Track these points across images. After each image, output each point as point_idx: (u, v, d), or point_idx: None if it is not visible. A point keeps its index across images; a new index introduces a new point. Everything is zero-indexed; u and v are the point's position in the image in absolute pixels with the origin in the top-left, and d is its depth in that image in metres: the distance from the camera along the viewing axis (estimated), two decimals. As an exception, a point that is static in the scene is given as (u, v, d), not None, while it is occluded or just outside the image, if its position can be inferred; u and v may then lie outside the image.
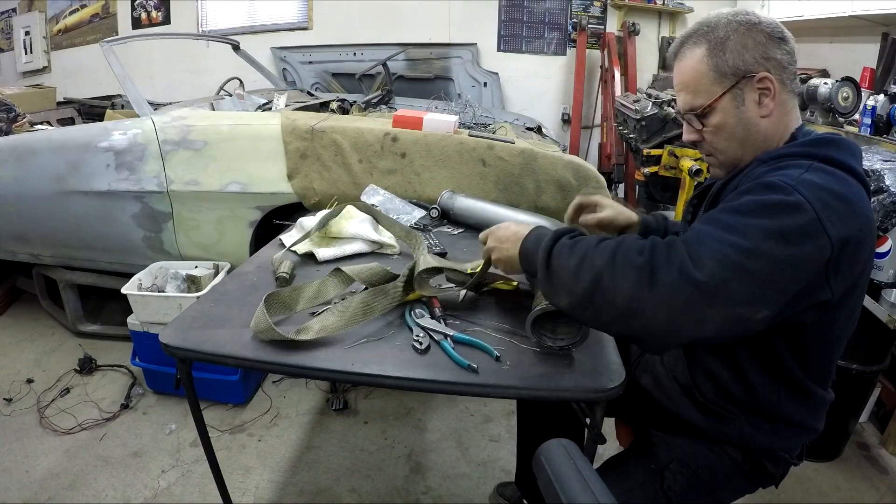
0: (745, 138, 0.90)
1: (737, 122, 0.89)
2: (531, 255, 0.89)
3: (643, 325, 0.74)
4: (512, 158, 1.89)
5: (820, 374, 0.93)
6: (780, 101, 0.88)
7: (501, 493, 1.69)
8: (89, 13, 4.46)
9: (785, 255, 0.71)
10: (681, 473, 0.99)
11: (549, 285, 0.83)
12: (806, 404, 0.94)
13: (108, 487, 1.71)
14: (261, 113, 2.43)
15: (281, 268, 1.23)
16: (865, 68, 2.53)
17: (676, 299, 0.71)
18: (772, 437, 0.96)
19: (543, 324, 0.95)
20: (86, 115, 3.79)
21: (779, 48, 0.86)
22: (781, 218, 0.72)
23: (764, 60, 0.86)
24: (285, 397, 2.16)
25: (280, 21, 4.28)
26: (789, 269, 0.72)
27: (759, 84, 0.86)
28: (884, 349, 1.80)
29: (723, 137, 0.91)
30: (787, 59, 0.87)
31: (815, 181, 0.76)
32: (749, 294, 0.72)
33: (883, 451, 1.95)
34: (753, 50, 0.86)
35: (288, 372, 1.26)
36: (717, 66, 0.87)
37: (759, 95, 0.87)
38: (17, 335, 2.60)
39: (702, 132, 0.93)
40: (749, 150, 0.91)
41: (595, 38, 4.16)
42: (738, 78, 0.87)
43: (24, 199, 2.21)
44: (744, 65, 0.86)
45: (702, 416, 0.98)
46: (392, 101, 3.41)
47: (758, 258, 0.71)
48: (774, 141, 0.90)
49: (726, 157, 0.94)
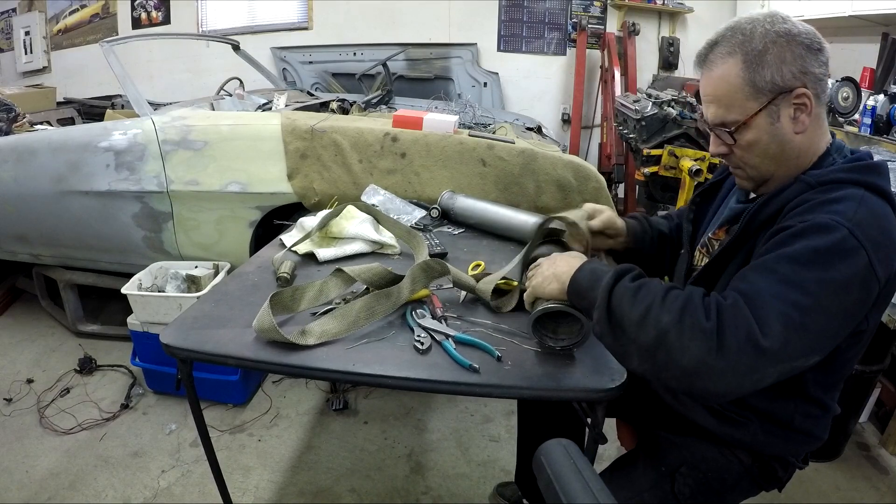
0: (777, 154, 0.87)
1: (771, 139, 0.86)
2: (586, 292, 0.85)
3: (706, 387, 0.73)
4: (512, 158, 1.89)
5: (835, 388, 0.96)
6: (815, 116, 0.85)
7: (501, 493, 1.69)
8: (89, 13, 4.45)
9: (841, 307, 0.73)
10: (691, 476, 0.99)
11: (609, 329, 0.79)
12: (817, 416, 0.96)
13: (108, 487, 1.71)
14: (261, 113, 2.42)
15: (282, 268, 1.22)
16: (865, 68, 2.53)
17: (743, 365, 0.70)
18: (783, 443, 0.97)
19: (545, 324, 0.94)
20: (86, 115, 3.78)
21: (816, 60, 0.83)
22: (838, 267, 0.73)
23: (802, 75, 0.82)
24: (285, 397, 2.16)
25: (280, 21, 4.28)
26: (844, 318, 0.75)
27: (795, 100, 0.83)
28: (884, 349, 1.80)
29: (755, 154, 0.88)
30: (823, 71, 0.84)
31: (867, 220, 0.75)
32: (807, 349, 0.73)
33: (883, 451, 1.95)
34: (792, 64, 0.82)
35: (288, 372, 1.26)
36: (753, 80, 0.83)
37: (795, 111, 0.84)
38: (17, 335, 2.60)
39: (732, 146, 0.90)
40: (781, 166, 0.88)
41: (595, 38, 4.16)
42: (775, 94, 0.83)
43: (24, 199, 2.21)
44: (782, 80, 0.82)
45: (715, 421, 0.98)
46: (392, 101, 3.40)
47: (818, 314, 0.72)
48: (808, 157, 0.88)
49: (757, 172, 0.91)
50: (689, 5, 4.12)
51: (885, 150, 1.80)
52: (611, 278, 0.81)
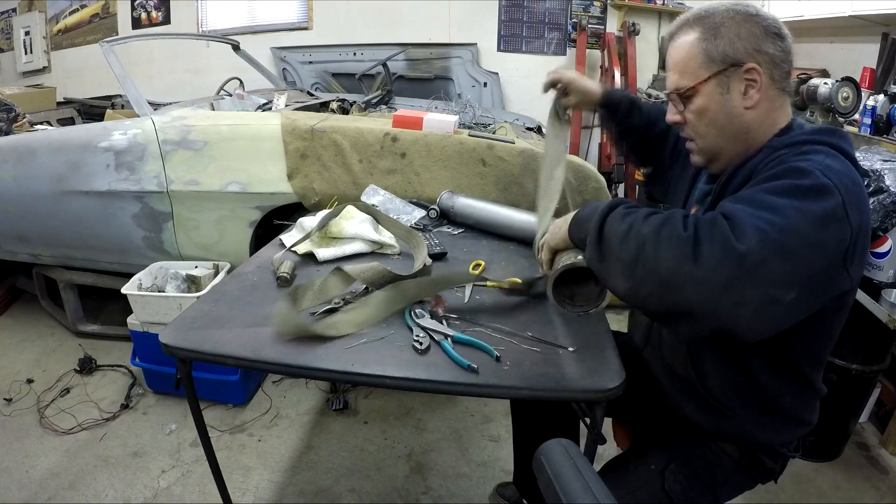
0: (725, 126, 0.90)
1: (719, 109, 0.89)
2: (583, 222, 0.88)
3: (682, 299, 0.73)
4: (512, 158, 1.89)
5: (819, 365, 0.95)
6: (768, 97, 0.88)
7: (501, 493, 1.69)
8: (89, 13, 4.45)
9: (818, 237, 0.72)
10: (681, 473, 0.99)
11: (598, 251, 0.82)
12: (804, 395, 0.96)
13: (108, 487, 1.71)
14: (261, 113, 2.42)
15: (282, 268, 1.23)
16: (865, 68, 2.53)
17: (718, 275, 0.70)
18: (770, 432, 0.97)
19: (562, 290, 0.95)
20: (86, 115, 3.78)
21: (773, 43, 0.86)
22: (815, 201, 0.73)
23: (755, 52, 0.86)
24: (285, 397, 2.16)
25: (280, 21, 4.27)
26: (820, 251, 0.72)
27: (746, 74, 0.86)
28: (884, 349, 1.80)
29: (704, 122, 0.92)
30: (780, 55, 0.87)
31: (837, 168, 0.77)
32: (784, 274, 0.71)
33: (883, 451, 1.95)
34: (746, 40, 0.86)
35: (288, 372, 1.26)
36: (706, 50, 0.88)
37: (746, 87, 0.87)
38: (17, 335, 2.60)
39: (684, 114, 0.94)
40: (729, 139, 0.91)
41: (595, 38, 4.16)
42: (726, 65, 0.87)
43: (24, 199, 2.21)
44: (733, 53, 0.86)
45: (701, 413, 0.98)
46: (392, 101, 3.40)
47: (795, 237, 0.71)
48: (758, 134, 0.90)
49: (705, 143, 0.94)
50: (689, 5, 4.12)
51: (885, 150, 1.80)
52: (606, 206, 0.85)
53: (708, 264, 0.70)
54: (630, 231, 0.77)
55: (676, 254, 0.72)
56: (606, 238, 0.81)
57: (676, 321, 0.77)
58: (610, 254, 0.80)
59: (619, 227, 0.79)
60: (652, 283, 0.74)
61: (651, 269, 0.74)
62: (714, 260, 0.70)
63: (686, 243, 0.72)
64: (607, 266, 0.81)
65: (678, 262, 0.71)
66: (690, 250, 0.71)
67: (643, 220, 0.78)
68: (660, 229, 0.75)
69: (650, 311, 0.82)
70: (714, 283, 0.70)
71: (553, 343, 0.99)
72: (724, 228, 0.72)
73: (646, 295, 0.76)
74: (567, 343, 0.98)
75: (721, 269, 0.70)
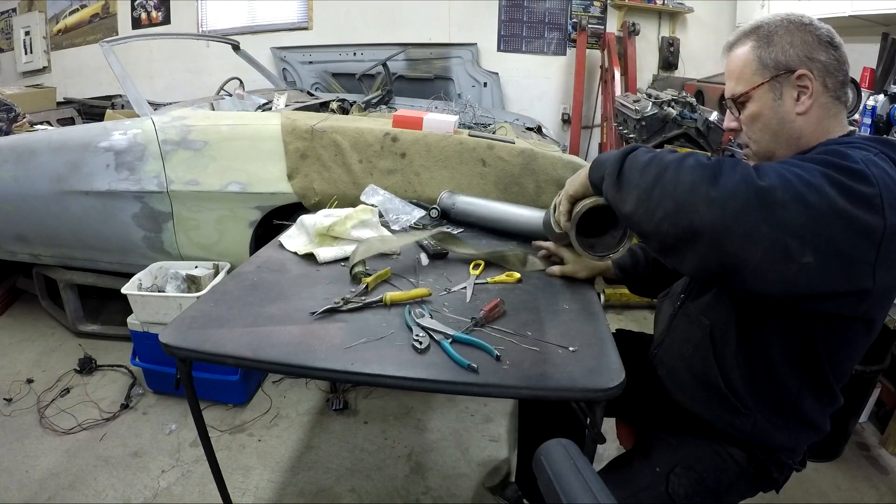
0: (778, 131, 0.91)
1: (772, 114, 0.91)
2: (604, 161, 0.92)
3: (692, 221, 0.74)
4: (512, 158, 1.89)
5: (843, 376, 0.95)
6: (820, 104, 0.88)
7: (502, 492, 1.68)
8: (89, 13, 4.45)
9: (844, 207, 0.70)
10: (686, 477, 0.99)
11: (617, 182, 0.86)
12: (822, 402, 0.95)
13: (108, 487, 1.71)
14: (261, 113, 2.42)
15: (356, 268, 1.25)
16: (865, 68, 2.52)
17: (733, 202, 0.71)
18: (784, 433, 0.96)
19: (582, 241, 1.03)
20: (86, 115, 3.78)
21: (825, 52, 0.87)
22: (850, 179, 0.72)
23: (807, 60, 0.87)
24: (285, 397, 2.16)
25: (280, 21, 4.28)
26: (844, 223, 0.70)
27: (798, 81, 0.88)
28: (884, 349, 1.80)
29: (757, 128, 0.93)
30: (833, 64, 0.88)
31: (882, 166, 0.76)
32: (802, 225, 0.70)
33: (883, 451, 1.95)
34: (798, 48, 0.88)
35: (288, 372, 1.26)
36: (760, 57, 0.90)
37: (798, 93, 0.88)
38: (17, 335, 2.60)
39: (739, 120, 0.96)
40: (782, 145, 0.92)
41: (595, 38, 4.16)
42: (778, 71, 0.89)
43: (24, 199, 2.21)
44: (786, 59, 0.88)
45: (715, 410, 0.98)
46: (392, 101, 3.40)
47: (819, 195, 0.70)
48: (811, 140, 0.90)
49: (759, 147, 0.95)
50: (689, 5, 4.12)
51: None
52: (629, 147, 0.90)
53: (725, 188, 0.72)
54: (652, 161, 0.82)
55: (696, 178, 0.75)
56: (626, 171, 0.85)
57: (685, 247, 0.77)
58: (629, 181, 0.84)
59: (641, 158, 0.84)
60: (667, 204, 0.77)
61: (669, 191, 0.77)
62: (732, 185, 0.72)
63: (707, 170, 0.75)
64: (623, 195, 0.85)
65: (696, 184, 0.74)
66: (710, 174, 0.74)
67: (667, 153, 0.83)
68: (684, 158, 0.79)
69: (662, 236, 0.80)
70: (728, 207, 0.72)
71: (553, 343, 0.99)
72: (748, 167, 0.75)
73: (660, 218, 0.78)
74: (567, 343, 0.98)
75: (737, 195, 0.71)
